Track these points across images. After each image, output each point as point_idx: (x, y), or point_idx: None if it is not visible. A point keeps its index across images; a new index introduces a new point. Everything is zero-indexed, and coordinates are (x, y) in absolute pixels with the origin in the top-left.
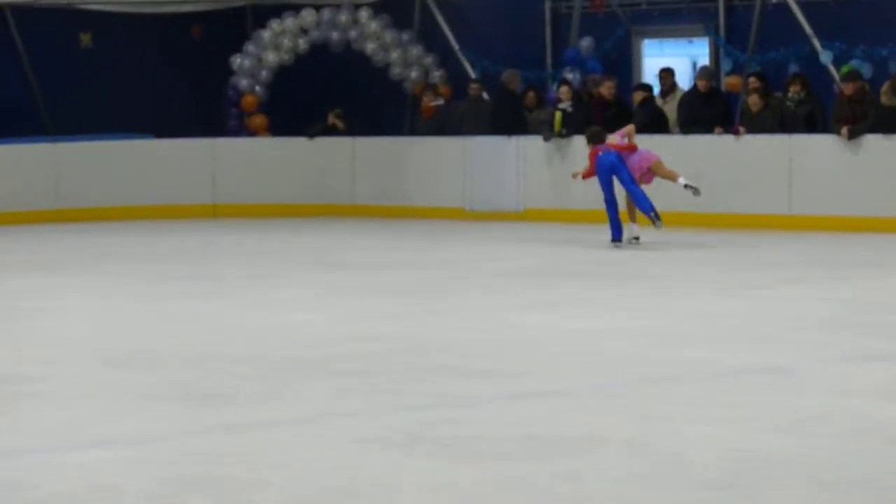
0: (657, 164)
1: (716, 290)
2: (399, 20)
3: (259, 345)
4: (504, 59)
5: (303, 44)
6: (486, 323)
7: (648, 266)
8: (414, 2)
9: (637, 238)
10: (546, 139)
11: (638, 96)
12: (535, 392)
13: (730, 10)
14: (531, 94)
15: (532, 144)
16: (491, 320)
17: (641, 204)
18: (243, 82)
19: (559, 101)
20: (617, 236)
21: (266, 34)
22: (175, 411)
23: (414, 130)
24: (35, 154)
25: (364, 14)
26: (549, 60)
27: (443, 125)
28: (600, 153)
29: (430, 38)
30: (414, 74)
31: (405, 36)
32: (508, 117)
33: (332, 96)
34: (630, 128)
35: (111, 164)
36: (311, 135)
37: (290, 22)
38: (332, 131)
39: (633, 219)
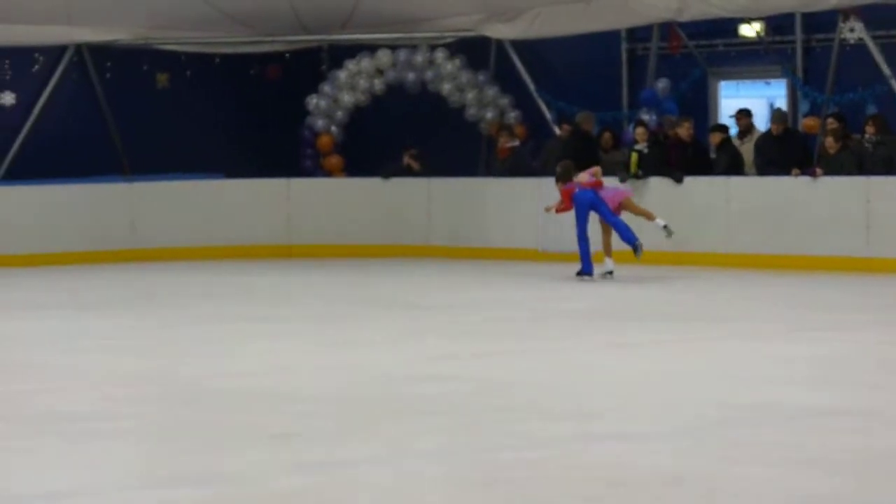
0: (628, 200)
1: (793, 331)
2: (475, 61)
3: (335, 384)
4: (580, 100)
5: (378, 84)
6: (561, 364)
7: (723, 307)
8: (490, 42)
9: (611, 272)
10: (622, 180)
11: (715, 137)
12: (611, 433)
13: (807, 50)
14: (607, 135)
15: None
16: (566, 361)
17: (626, 235)
18: (319, 122)
19: (635, 142)
20: (587, 269)
21: (342, 74)
22: (249, 450)
23: (489, 171)
24: (111, 193)
25: (440, 55)
26: (625, 101)
27: (518, 166)
28: (576, 190)
29: (506, 79)
30: (489, 115)
31: (481, 76)
32: (583, 158)
33: (407, 137)
34: (597, 168)
35: (187, 204)
36: (386, 175)
37: (366, 62)
38: (406, 171)
39: (608, 254)
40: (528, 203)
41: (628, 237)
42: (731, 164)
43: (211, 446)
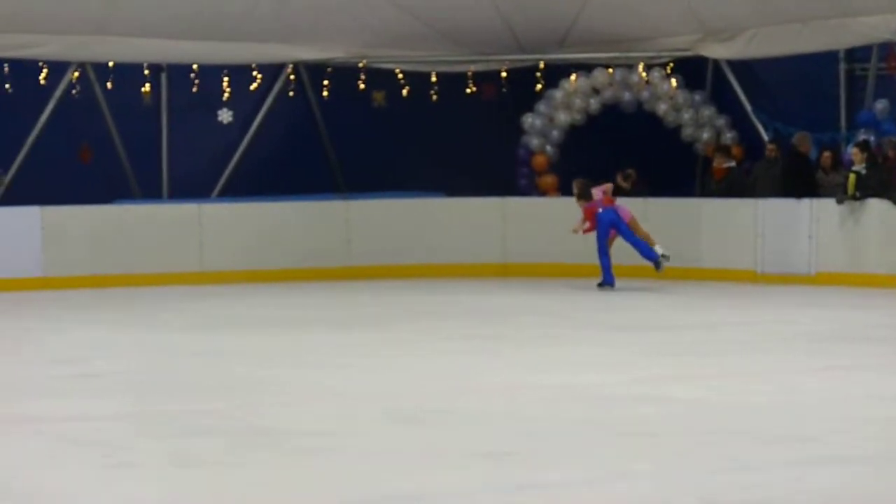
0: (633, 220)
1: None
2: (691, 81)
3: (549, 405)
4: (797, 121)
5: (594, 104)
6: (780, 386)
7: None
8: (707, 62)
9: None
10: (839, 202)
11: None
12: (829, 457)
13: None
14: (826, 156)
15: (825, 207)
16: (784, 383)
17: (646, 252)
18: (534, 142)
19: (853, 163)
20: (609, 281)
21: (558, 94)
22: (462, 469)
23: (705, 192)
24: (327, 211)
25: (656, 74)
26: (843, 122)
27: (734, 187)
28: (599, 210)
29: (723, 100)
30: (706, 135)
31: (697, 97)
32: (799, 179)
33: (622, 157)
34: (609, 185)
35: (402, 222)
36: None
37: (582, 82)
38: (619, 192)
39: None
40: (744, 224)
41: (649, 254)
42: None
43: (423, 465)
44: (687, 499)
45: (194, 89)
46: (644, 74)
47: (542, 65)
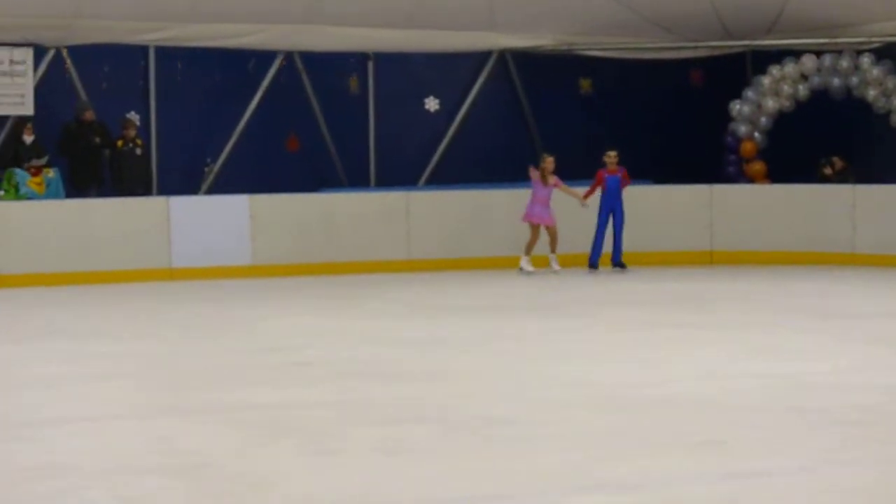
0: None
1: None
2: None
3: (760, 393)
4: None
5: (803, 90)
6: None
7: None
8: None
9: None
10: None
11: None
12: None
13: None
14: None
15: None
16: None
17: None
18: (742, 129)
19: None
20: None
21: (766, 80)
22: (672, 457)
23: None
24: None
25: (866, 60)
26: None
27: None
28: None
29: None
30: None
31: None
32: None
33: (831, 143)
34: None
35: None
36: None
37: (790, 68)
38: (823, 179)
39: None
40: None
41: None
42: None
43: (632, 452)
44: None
45: (401, 78)
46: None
47: (749, 51)
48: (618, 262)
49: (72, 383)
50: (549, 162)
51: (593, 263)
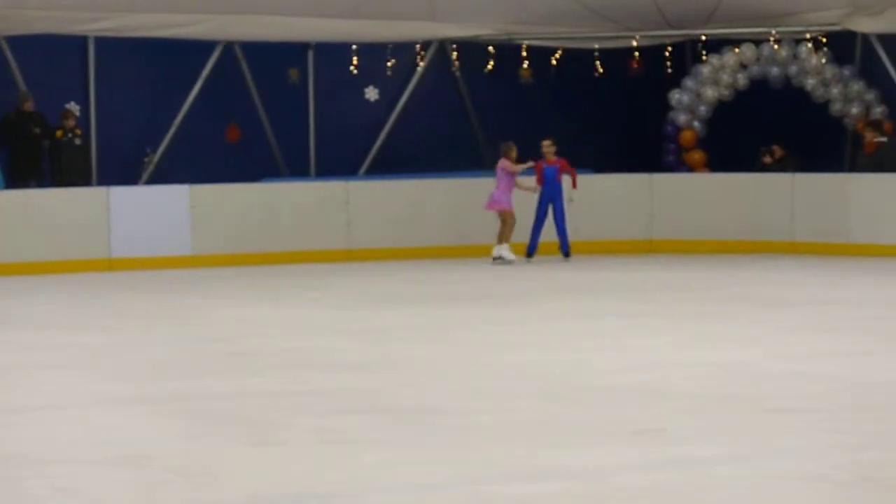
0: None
1: None
2: (840, 55)
3: (701, 382)
4: None
5: (742, 79)
6: None
7: None
8: (856, 37)
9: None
10: None
11: None
12: None
13: None
14: None
15: None
16: None
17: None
18: (682, 118)
19: None
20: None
21: (705, 69)
22: (612, 445)
23: (853, 167)
24: (474, 188)
25: (804, 49)
26: None
27: (884, 162)
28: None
29: (872, 74)
30: (855, 110)
31: (846, 71)
32: None
33: (770, 132)
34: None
35: None
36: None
37: (729, 57)
38: (762, 168)
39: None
40: (894, 199)
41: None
42: None
43: (573, 441)
44: (839, 475)
45: (341, 67)
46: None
47: (689, 41)
48: (566, 252)
49: (13, 374)
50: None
51: (529, 253)
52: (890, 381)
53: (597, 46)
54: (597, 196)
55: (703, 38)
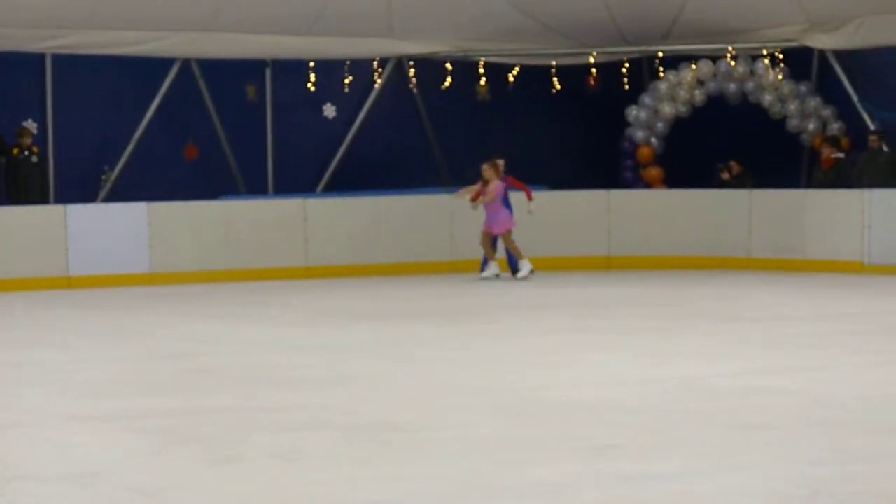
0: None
1: None
2: (797, 71)
3: (658, 397)
4: None
5: (699, 95)
6: (889, 377)
7: None
8: (812, 53)
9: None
10: None
11: None
12: None
13: None
14: None
15: None
16: (893, 374)
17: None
18: (639, 134)
19: None
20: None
21: (662, 86)
22: (570, 462)
23: (811, 183)
24: (432, 205)
25: (761, 65)
26: None
27: (841, 177)
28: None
29: (829, 90)
30: (812, 126)
31: (803, 87)
32: None
33: (728, 148)
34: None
35: None
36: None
37: (686, 73)
38: (722, 184)
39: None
40: (851, 215)
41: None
42: None
43: (531, 457)
44: (794, 490)
45: (299, 85)
46: (749, 66)
47: (646, 57)
48: (515, 268)
49: None
50: (484, 169)
51: (482, 269)
52: (846, 396)
53: (554, 63)
54: (554, 212)
55: (661, 54)
